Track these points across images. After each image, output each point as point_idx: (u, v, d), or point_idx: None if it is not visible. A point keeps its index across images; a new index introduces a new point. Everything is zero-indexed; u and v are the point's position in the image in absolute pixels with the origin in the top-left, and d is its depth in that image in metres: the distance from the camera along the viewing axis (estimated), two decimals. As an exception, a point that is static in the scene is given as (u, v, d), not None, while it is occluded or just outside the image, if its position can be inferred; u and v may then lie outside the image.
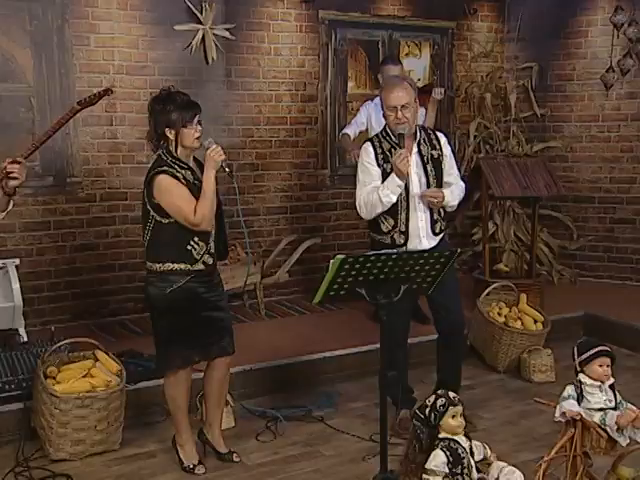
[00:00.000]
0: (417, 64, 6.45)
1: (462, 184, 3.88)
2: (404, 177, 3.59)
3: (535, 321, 4.89)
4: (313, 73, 6.01)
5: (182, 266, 3.23)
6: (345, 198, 6.21)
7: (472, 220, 6.51)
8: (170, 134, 3.20)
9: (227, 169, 3.18)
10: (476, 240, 6.49)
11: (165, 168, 3.20)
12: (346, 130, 5.24)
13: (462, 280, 6.12)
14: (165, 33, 5.35)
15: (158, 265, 3.25)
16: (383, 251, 2.93)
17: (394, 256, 2.89)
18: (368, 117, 5.19)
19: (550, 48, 6.49)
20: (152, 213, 3.22)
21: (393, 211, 3.67)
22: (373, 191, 3.64)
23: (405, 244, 3.68)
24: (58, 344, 3.74)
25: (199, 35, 5.40)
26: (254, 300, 5.51)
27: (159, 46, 5.37)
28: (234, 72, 5.68)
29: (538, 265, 6.10)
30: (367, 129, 5.20)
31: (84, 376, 3.63)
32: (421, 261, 2.96)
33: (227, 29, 5.53)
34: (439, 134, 3.86)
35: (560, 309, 5.40)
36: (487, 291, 4.98)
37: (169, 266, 3.23)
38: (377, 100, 5.11)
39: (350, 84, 6.21)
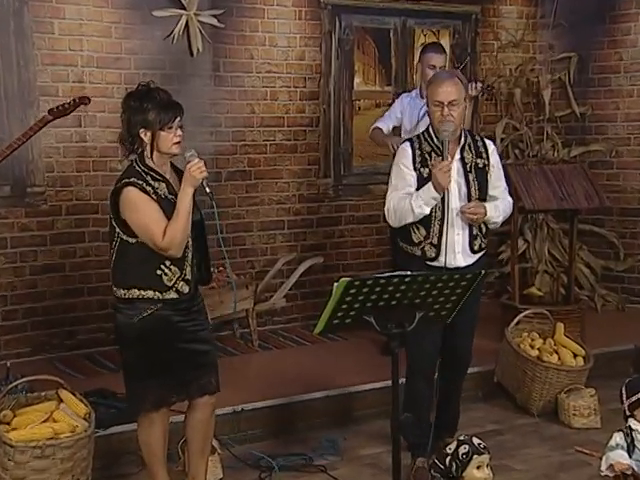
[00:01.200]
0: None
1: (510, 200, 3.99)
2: (442, 191, 3.68)
3: (575, 355, 4.90)
4: (314, 67, 6.05)
5: (150, 294, 3.23)
6: (351, 211, 6.29)
7: (499, 237, 6.52)
8: (145, 137, 3.21)
9: (207, 189, 3.19)
10: (504, 260, 6.53)
11: (134, 180, 3.20)
12: (378, 124, 5.29)
13: (488, 306, 6.11)
14: (142, 20, 5.38)
15: (123, 291, 3.26)
16: (395, 273, 2.95)
17: (408, 279, 2.90)
18: (402, 112, 5.26)
19: (592, 35, 6.50)
20: (118, 230, 3.24)
21: (426, 220, 3.77)
22: (405, 198, 3.75)
23: (437, 258, 3.76)
24: (14, 383, 3.71)
25: (182, 22, 5.44)
26: (246, 329, 5.52)
27: (135, 35, 5.39)
28: (223, 65, 5.72)
29: (577, 289, 6.12)
30: (401, 125, 5.29)
31: (45, 421, 3.58)
32: (440, 284, 2.98)
33: (214, 15, 5.56)
34: (487, 141, 3.96)
35: (605, 341, 5.41)
36: (517, 319, 4.98)
37: (135, 293, 3.23)
38: (414, 93, 5.23)
39: (357, 79, 6.27)
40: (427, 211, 3.72)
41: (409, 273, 2.94)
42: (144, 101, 3.20)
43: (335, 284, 2.82)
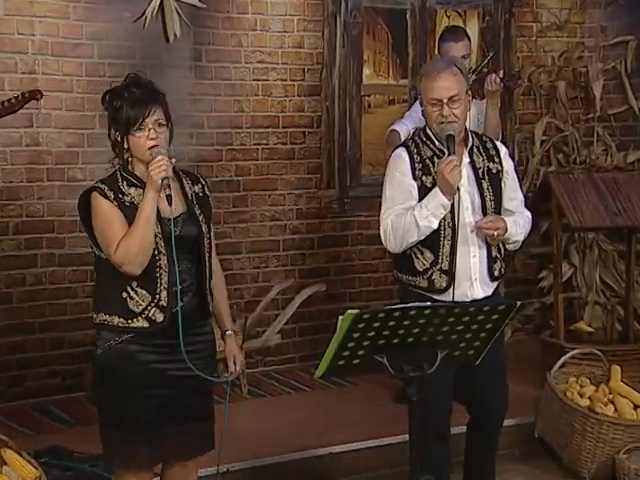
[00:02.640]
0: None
1: (528, 214, 3.99)
2: (452, 194, 3.66)
3: (635, 406, 4.88)
4: (315, 56, 6.08)
5: (115, 320, 3.27)
6: (360, 228, 6.29)
7: (539, 260, 6.52)
8: (123, 141, 3.30)
9: (167, 192, 3.21)
10: (545, 288, 6.53)
11: (99, 184, 3.29)
12: (395, 126, 5.32)
13: (527, 345, 6.17)
14: (108, -2, 5.40)
15: (95, 316, 3.33)
16: (413, 304, 2.95)
17: (428, 311, 2.91)
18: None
19: (654, 15, 6.61)
20: (90, 242, 3.34)
21: (433, 241, 3.74)
22: (405, 213, 3.72)
23: (448, 289, 3.74)
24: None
25: (156, 2, 5.37)
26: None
27: (99, 16, 5.40)
28: (205, 54, 5.78)
29: (637, 324, 6.07)
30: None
31: (-16, 487, 3.54)
32: (466, 318, 2.98)
33: (195, -7, 5.66)
34: (498, 143, 3.99)
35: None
36: (562, 361, 4.98)
37: (101, 318, 3.30)
38: None
39: (367, 71, 6.32)
40: (435, 224, 3.69)
41: (429, 304, 2.96)
42: (115, 98, 3.28)
43: (340, 317, 2.83)
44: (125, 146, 3.28)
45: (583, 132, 6.62)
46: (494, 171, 3.86)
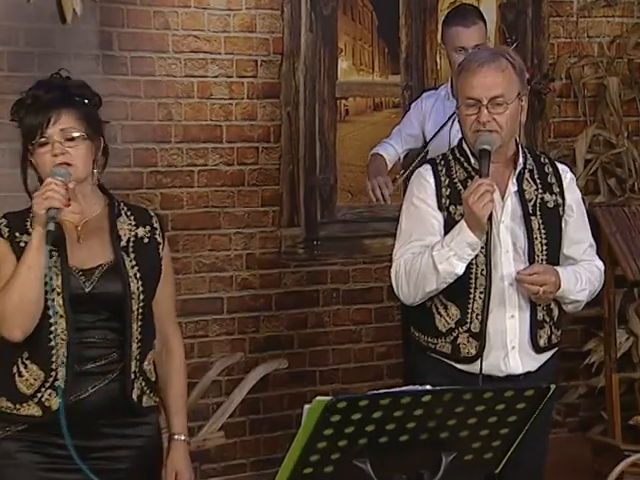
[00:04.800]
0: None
1: (600, 265, 4.12)
2: (481, 230, 3.73)
3: None
4: (272, 43, 6.14)
5: (4, 404, 3.32)
6: (335, 282, 6.35)
7: (584, 325, 6.57)
8: (31, 161, 3.40)
9: (50, 227, 3.21)
10: (593, 365, 6.53)
11: None
12: (379, 148, 5.45)
13: (570, 444, 6.14)
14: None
15: None
16: (406, 388, 2.97)
17: (427, 397, 2.88)
18: (422, 124, 5.42)
19: None
20: None
21: (460, 293, 3.85)
22: (424, 252, 3.82)
23: (477, 358, 3.80)
24: None
25: None
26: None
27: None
28: (117, 39, 5.79)
29: None
30: (426, 147, 5.39)
31: None
32: (480, 407, 2.96)
33: (101, -42, 5.64)
34: (561, 166, 4.10)
35: None
36: (620, 469, 4.93)
37: None
38: (443, 91, 5.37)
39: (344, 64, 6.34)
40: (460, 270, 3.77)
41: (429, 388, 2.94)
42: (17, 106, 3.41)
43: (307, 406, 2.80)
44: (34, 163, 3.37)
45: (644, 149, 6.61)
46: (550, 205, 3.95)
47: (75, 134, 3.31)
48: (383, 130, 5.92)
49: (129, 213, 3.49)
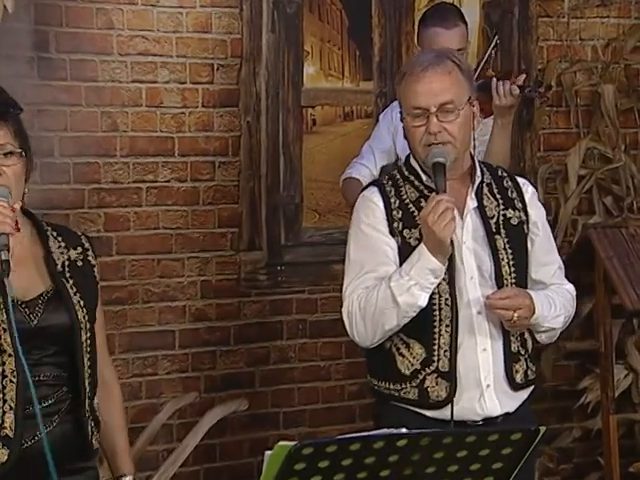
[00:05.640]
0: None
1: (571, 288, 4.11)
2: (444, 253, 3.70)
3: None
4: (230, 45, 6.16)
5: None
6: (301, 312, 6.37)
7: (578, 360, 6.60)
8: None
9: (4, 257, 3.18)
10: (589, 405, 6.50)
11: None
12: (352, 172, 5.48)
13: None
14: None
15: None
16: (380, 432, 2.96)
17: (402, 442, 2.87)
18: (394, 136, 5.42)
19: None
20: None
21: (424, 328, 3.81)
22: (379, 285, 3.80)
23: (448, 402, 3.77)
24: None
25: None
26: None
27: None
28: (55, 40, 5.78)
29: None
30: (397, 162, 5.38)
31: None
32: (462, 453, 2.95)
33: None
34: (521, 180, 4.11)
35: None
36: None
37: None
38: None
39: (310, 69, 6.38)
40: (423, 301, 3.73)
41: (404, 431, 2.94)
42: None
43: (268, 453, 2.79)
44: None
45: (644, 163, 6.64)
46: (514, 222, 3.95)
47: (12, 149, 3.29)
48: (354, 142, 5.94)
49: (55, 234, 3.50)
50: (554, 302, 3.93)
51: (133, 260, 6.00)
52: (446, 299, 3.79)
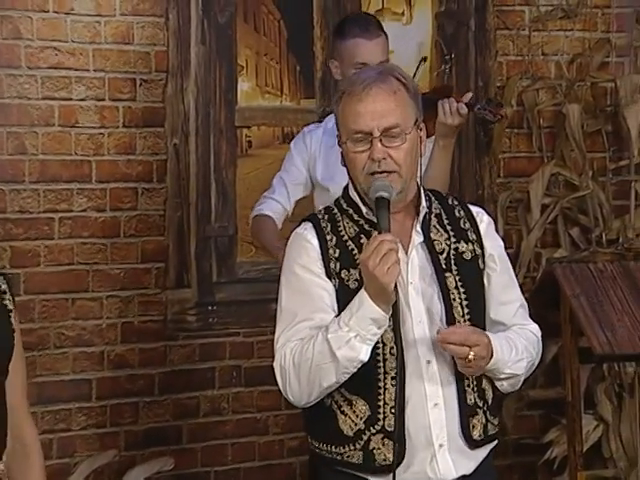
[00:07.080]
0: (403, 37, 6.54)
1: (535, 328, 3.98)
2: (388, 301, 3.54)
3: None
4: (154, 58, 6.13)
5: None
6: (235, 357, 6.30)
7: (542, 409, 6.61)
8: None
9: None
10: (555, 459, 6.44)
11: None
12: (262, 207, 5.44)
13: None
14: None
15: None
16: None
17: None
18: (310, 168, 5.43)
19: None
20: None
21: (367, 382, 3.66)
22: (315, 336, 3.64)
23: (398, 465, 3.62)
24: None
25: None
26: None
27: None
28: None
29: None
30: (313, 194, 5.47)
31: None
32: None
33: None
34: (475, 209, 3.99)
35: None
36: None
37: None
38: (330, 123, 5.20)
39: (245, 85, 6.43)
40: (364, 355, 3.54)
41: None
42: None
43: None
44: None
45: (613, 191, 6.67)
46: (468, 256, 3.83)
47: None
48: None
49: None
50: (515, 345, 3.78)
51: (44, 300, 5.93)
52: (391, 348, 3.63)
